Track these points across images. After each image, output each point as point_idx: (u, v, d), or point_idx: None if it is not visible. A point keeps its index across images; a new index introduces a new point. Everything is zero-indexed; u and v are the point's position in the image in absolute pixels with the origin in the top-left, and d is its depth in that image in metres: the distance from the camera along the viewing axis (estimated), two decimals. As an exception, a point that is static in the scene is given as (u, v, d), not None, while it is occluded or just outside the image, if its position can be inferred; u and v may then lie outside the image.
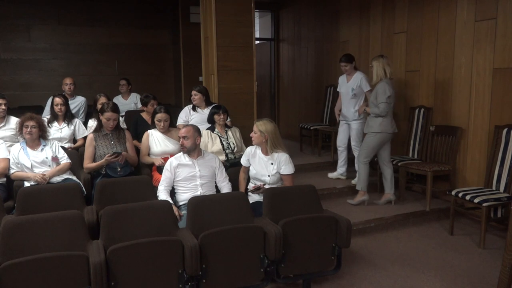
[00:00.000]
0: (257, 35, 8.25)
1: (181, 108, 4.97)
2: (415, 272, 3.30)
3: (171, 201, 3.15)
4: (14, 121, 4.01)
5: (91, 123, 4.38)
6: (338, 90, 5.14)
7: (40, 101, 5.55)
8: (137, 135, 4.25)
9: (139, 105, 4.85)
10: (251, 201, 3.31)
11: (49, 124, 4.17)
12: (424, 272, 3.29)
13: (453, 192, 3.94)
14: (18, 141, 3.70)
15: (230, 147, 4.04)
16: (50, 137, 3.84)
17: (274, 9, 8.21)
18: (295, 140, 6.92)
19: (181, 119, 4.48)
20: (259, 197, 3.33)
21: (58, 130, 4.23)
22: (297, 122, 7.04)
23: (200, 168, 3.33)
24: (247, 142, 4.34)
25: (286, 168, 3.36)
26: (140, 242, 2.46)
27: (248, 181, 3.55)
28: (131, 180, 3.38)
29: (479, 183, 4.25)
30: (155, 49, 7.69)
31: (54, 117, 4.26)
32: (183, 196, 3.28)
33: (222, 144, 4.01)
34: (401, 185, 4.66)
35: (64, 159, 3.67)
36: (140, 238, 2.51)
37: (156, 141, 3.88)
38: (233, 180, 3.50)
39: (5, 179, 3.56)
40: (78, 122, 4.40)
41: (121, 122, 4.36)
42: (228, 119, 4.27)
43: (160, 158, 3.73)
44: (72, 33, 7.12)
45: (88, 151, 3.72)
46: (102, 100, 4.56)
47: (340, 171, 5.09)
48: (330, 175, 5.14)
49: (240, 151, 4.11)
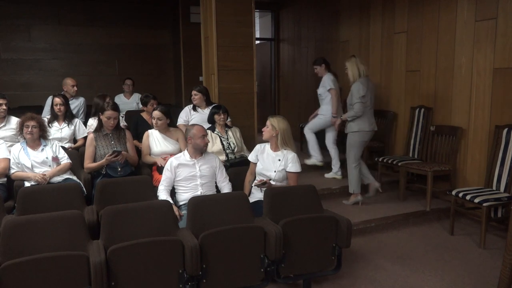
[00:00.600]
0: (257, 35, 8.25)
1: (181, 108, 4.98)
2: (415, 272, 3.30)
3: (171, 201, 3.15)
4: (14, 121, 4.01)
5: (91, 121, 4.38)
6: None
7: (41, 101, 5.55)
8: (138, 135, 4.26)
9: (141, 105, 4.85)
10: (252, 200, 3.31)
11: (49, 124, 4.17)
12: (424, 272, 3.29)
13: (454, 192, 3.94)
14: (18, 141, 3.70)
15: (231, 147, 4.04)
16: (50, 137, 3.84)
17: (274, 9, 8.21)
18: (295, 140, 6.88)
19: (182, 119, 4.48)
20: (260, 195, 3.32)
21: (58, 130, 4.23)
22: (297, 122, 7.03)
23: (201, 168, 3.33)
24: (248, 142, 4.35)
25: (293, 166, 3.37)
26: (140, 242, 2.46)
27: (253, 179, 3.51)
28: (132, 180, 3.38)
29: (479, 183, 4.25)
30: (155, 49, 7.69)
31: (54, 117, 4.26)
32: (183, 196, 3.28)
33: (222, 144, 4.01)
34: (401, 185, 4.66)
35: (65, 159, 3.68)
36: (141, 238, 2.50)
37: (156, 141, 3.88)
38: (233, 180, 3.50)
39: (5, 179, 3.56)
40: (78, 122, 4.40)
41: (121, 120, 4.35)
42: (228, 119, 4.28)
43: (161, 158, 3.73)
44: (72, 33, 7.12)
45: (89, 151, 3.72)
46: (106, 99, 4.54)
47: (334, 170, 5.11)
48: (326, 175, 5.15)
49: (240, 151, 4.11)
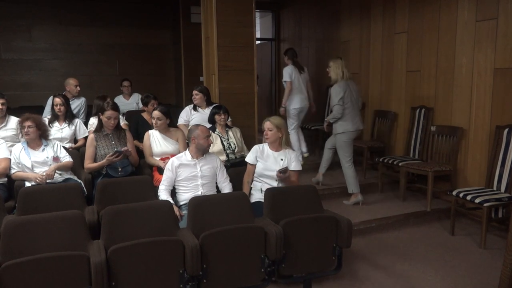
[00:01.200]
0: (258, 35, 8.24)
1: (181, 108, 4.97)
2: (416, 272, 3.30)
3: (172, 201, 3.15)
4: (14, 121, 4.01)
5: (93, 120, 4.38)
6: None
7: (41, 101, 5.55)
8: (138, 135, 4.26)
9: (141, 105, 4.85)
10: (252, 200, 3.31)
11: (50, 124, 4.17)
12: (425, 272, 3.29)
13: (454, 193, 3.94)
14: (19, 141, 3.70)
15: (231, 147, 4.04)
16: (51, 137, 3.84)
17: (275, 9, 8.21)
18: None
19: (182, 118, 4.48)
20: (260, 196, 3.32)
21: (59, 130, 4.23)
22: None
23: (202, 169, 3.33)
24: (248, 142, 4.35)
25: (296, 165, 3.42)
26: (141, 242, 2.46)
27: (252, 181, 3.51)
28: (132, 180, 3.38)
29: (480, 183, 4.24)
30: (156, 49, 7.69)
31: (55, 117, 4.26)
32: (184, 196, 3.28)
33: (222, 144, 4.01)
34: (401, 185, 4.66)
35: (67, 158, 3.67)
36: (141, 238, 2.50)
37: (156, 141, 3.88)
38: (234, 180, 3.50)
39: (6, 179, 3.56)
40: (78, 122, 4.40)
41: (121, 119, 4.35)
42: (229, 119, 4.28)
43: (162, 161, 3.72)
44: (72, 33, 7.12)
45: (89, 151, 3.72)
46: (107, 99, 4.54)
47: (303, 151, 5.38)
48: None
49: (241, 151, 4.11)
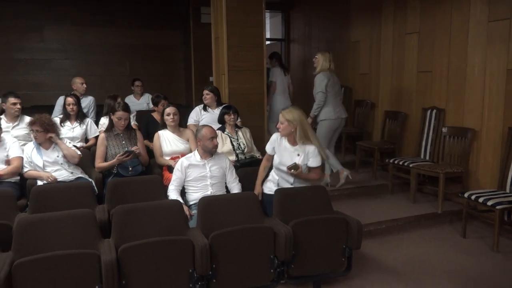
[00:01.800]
0: (267, 35, 8.23)
1: (191, 108, 4.99)
2: (426, 275, 3.27)
3: (181, 200, 3.17)
4: (27, 120, 4.05)
5: (103, 120, 4.42)
6: None
7: (52, 100, 5.60)
8: (148, 135, 4.28)
9: (151, 105, 4.88)
10: (265, 190, 3.30)
11: (62, 124, 4.21)
12: (435, 275, 3.26)
13: (466, 195, 3.89)
14: (31, 140, 3.74)
15: (240, 147, 4.04)
16: (61, 136, 3.87)
17: (285, 10, 8.20)
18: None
19: (192, 119, 4.49)
20: (274, 187, 3.25)
21: (71, 130, 4.27)
22: (307, 122, 7.00)
23: (211, 169, 3.33)
24: (258, 142, 4.35)
25: (314, 160, 3.19)
26: (151, 241, 2.48)
27: (270, 170, 3.45)
28: (142, 180, 3.41)
29: (492, 185, 4.19)
30: (166, 49, 7.72)
31: (66, 116, 4.31)
32: (194, 196, 3.29)
33: (232, 145, 4.02)
34: (412, 187, 4.62)
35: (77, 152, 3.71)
36: (151, 237, 2.52)
37: (167, 141, 3.89)
38: (243, 180, 3.49)
39: (18, 177, 3.60)
40: (90, 121, 4.45)
41: (132, 119, 4.37)
42: (239, 120, 4.28)
43: (172, 160, 3.74)
44: (84, 34, 7.19)
45: (100, 151, 3.75)
46: (118, 99, 4.58)
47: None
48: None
49: (250, 151, 4.11)
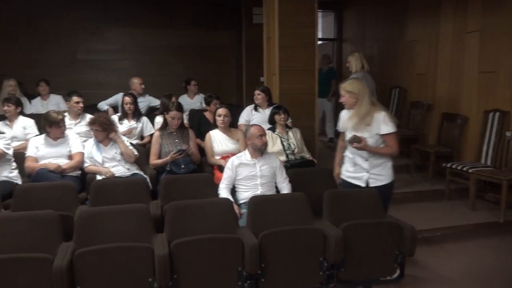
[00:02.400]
0: (319, 35, 8.15)
1: (242, 108, 5.04)
2: None
3: (232, 199, 3.20)
4: (88, 118, 4.27)
5: (159, 119, 4.57)
6: None
7: (111, 99, 5.96)
8: (200, 134, 4.37)
9: (204, 105, 4.98)
10: (343, 173, 3.22)
11: (120, 121, 4.43)
12: (496, 288, 3.07)
13: (532, 203, 3.64)
14: (91, 137, 3.94)
15: (291, 147, 4.02)
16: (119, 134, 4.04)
17: (338, 9, 8.07)
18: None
19: (243, 118, 4.54)
20: (352, 169, 3.15)
21: (128, 127, 4.46)
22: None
23: (261, 168, 3.34)
24: (308, 143, 4.31)
25: (385, 127, 2.97)
26: (202, 238, 2.53)
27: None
28: (194, 177, 3.49)
29: (562, 194, 3.89)
30: (218, 49, 7.85)
31: (124, 115, 4.51)
32: (244, 195, 3.31)
33: (282, 145, 4.01)
34: (471, 193, 4.38)
35: (134, 152, 3.87)
36: (202, 234, 2.57)
37: (217, 141, 3.96)
38: (293, 181, 3.47)
39: (79, 172, 3.81)
40: (145, 120, 4.62)
41: (185, 118, 4.48)
42: (289, 120, 4.26)
43: (223, 160, 3.80)
44: (141, 35, 7.46)
45: (154, 148, 3.88)
46: (172, 99, 4.71)
47: None
48: None
49: (301, 152, 4.08)
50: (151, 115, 4.91)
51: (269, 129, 4.07)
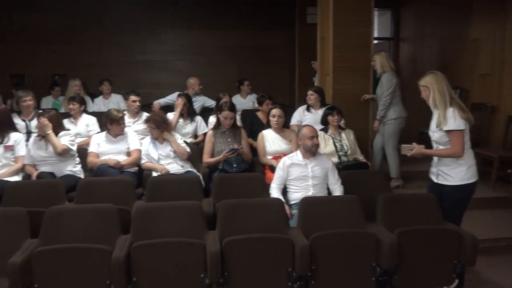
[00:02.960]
0: (375, 34, 7.93)
1: (294, 108, 5.01)
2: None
3: (283, 199, 3.20)
4: (145, 116, 4.44)
5: (212, 119, 4.66)
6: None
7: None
8: (252, 133, 4.40)
9: (256, 105, 5.02)
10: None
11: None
12: None
13: None
14: (148, 135, 4.09)
15: (343, 149, 3.94)
16: (173, 132, 4.16)
17: (395, 7, 7.81)
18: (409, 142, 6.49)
19: (295, 119, 4.52)
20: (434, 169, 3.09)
21: (183, 126, 4.59)
22: (417, 125, 6.58)
23: (313, 169, 3.31)
24: (362, 145, 4.21)
25: (449, 123, 2.86)
26: (253, 237, 2.55)
27: None
28: (245, 177, 3.53)
29: None
30: (271, 49, 7.86)
31: (180, 114, 4.63)
32: (295, 196, 3.30)
33: (335, 146, 3.94)
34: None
35: (186, 149, 3.96)
36: (253, 233, 2.59)
37: (270, 141, 3.97)
38: (345, 183, 3.40)
39: (137, 168, 3.96)
40: (200, 119, 4.73)
41: (238, 120, 4.54)
42: (342, 121, 4.18)
43: (274, 160, 3.79)
44: (196, 36, 7.64)
45: (208, 147, 3.96)
46: (224, 99, 4.79)
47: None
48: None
49: (354, 154, 3.99)
50: (205, 115, 5.02)
51: (321, 129, 4.02)
